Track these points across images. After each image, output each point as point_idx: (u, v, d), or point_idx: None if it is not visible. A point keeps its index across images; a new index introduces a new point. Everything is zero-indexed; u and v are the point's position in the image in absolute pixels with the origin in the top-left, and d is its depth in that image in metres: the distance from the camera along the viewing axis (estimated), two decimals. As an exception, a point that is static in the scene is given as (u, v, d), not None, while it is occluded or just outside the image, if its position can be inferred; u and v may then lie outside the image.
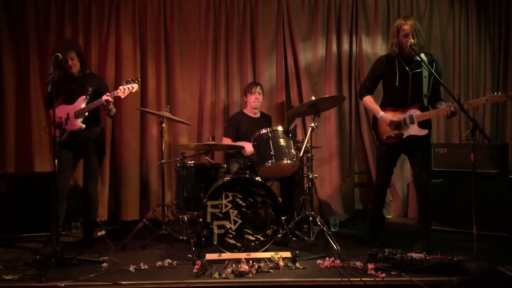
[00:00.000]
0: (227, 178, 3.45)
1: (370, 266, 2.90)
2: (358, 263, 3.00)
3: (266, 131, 3.56)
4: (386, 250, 2.98)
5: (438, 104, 3.42)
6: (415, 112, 3.38)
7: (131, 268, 2.99)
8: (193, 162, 3.90)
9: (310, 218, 3.65)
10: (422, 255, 2.89)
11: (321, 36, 4.72)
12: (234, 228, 3.34)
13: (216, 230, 3.32)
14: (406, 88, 3.41)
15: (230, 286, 2.76)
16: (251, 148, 3.89)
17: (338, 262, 3.05)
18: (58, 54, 3.27)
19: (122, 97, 3.61)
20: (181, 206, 3.77)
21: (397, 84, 3.43)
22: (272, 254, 3.13)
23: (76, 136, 3.63)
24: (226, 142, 4.29)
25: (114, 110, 3.69)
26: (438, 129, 4.76)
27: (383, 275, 2.78)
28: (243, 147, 4.04)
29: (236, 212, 3.36)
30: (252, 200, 3.38)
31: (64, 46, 3.63)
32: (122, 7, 4.61)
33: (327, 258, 3.10)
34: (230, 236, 3.33)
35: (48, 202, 3.71)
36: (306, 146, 3.57)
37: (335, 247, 3.34)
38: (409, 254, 2.92)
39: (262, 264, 2.99)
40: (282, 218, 3.40)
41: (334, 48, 4.73)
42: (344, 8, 4.72)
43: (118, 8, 4.60)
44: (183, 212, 3.71)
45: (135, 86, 3.64)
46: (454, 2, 4.84)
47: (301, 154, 3.60)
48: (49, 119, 3.80)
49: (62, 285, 2.69)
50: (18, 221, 3.98)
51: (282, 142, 3.53)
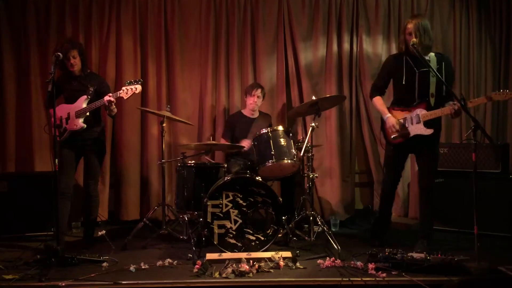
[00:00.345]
0: (228, 178, 3.45)
1: (370, 266, 2.90)
2: (359, 263, 3.00)
3: (266, 131, 3.57)
4: (386, 250, 2.97)
5: (447, 104, 3.39)
6: (421, 111, 3.36)
7: (132, 267, 2.99)
8: (193, 161, 3.90)
9: (311, 218, 3.66)
10: (422, 255, 2.89)
11: (321, 35, 4.71)
12: (234, 227, 3.34)
13: (216, 230, 3.32)
14: (413, 86, 3.40)
15: (230, 286, 2.76)
16: (248, 143, 3.97)
17: (338, 262, 3.04)
18: (59, 53, 3.28)
19: (125, 98, 3.59)
20: (181, 206, 3.77)
21: (403, 82, 3.42)
22: (272, 253, 3.13)
23: (77, 135, 3.62)
24: (223, 142, 4.30)
25: (115, 110, 3.67)
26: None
27: (384, 275, 2.78)
28: (243, 147, 4.04)
29: (236, 211, 3.35)
30: (252, 199, 3.37)
31: (66, 45, 3.61)
32: (123, 7, 4.60)
33: (328, 258, 3.11)
34: (231, 235, 3.33)
35: (49, 201, 3.70)
36: (306, 146, 3.57)
37: (336, 247, 3.34)
38: (409, 254, 2.91)
39: (262, 263, 2.98)
40: (283, 217, 3.39)
41: (335, 47, 4.72)
42: (344, 7, 4.71)
43: (118, 7, 4.60)
44: (184, 211, 3.71)
45: (138, 87, 3.60)
46: (454, 2, 4.82)
47: (301, 154, 3.60)
48: (49, 119, 3.79)
49: (63, 284, 2.69)
50: (19, 220, 3.96)
51: (282, 141, 3.53)
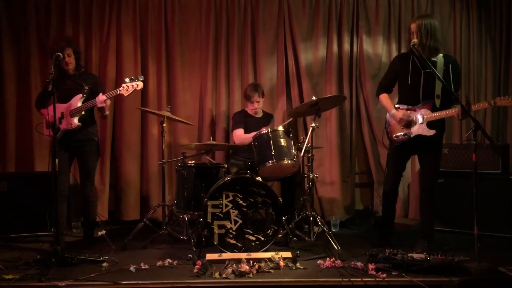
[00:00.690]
0: (228, 178, 3.45)
1: (370, 266, 2.90)
2: (359, 264, 3.00)
3: (266, 131, 3.56)
4: (386, 250, 2.97)
5: (453, 106, 3.38)
6: (425, 111, 3.37)
7: (132, 267, 2.99)
8: (193, 162, 3.90)
9: (311, 218, 3.66)
10: (423, 256, 2.89)
11: (322, 36, 4.71)
12: (234, 228, 3.34)
13: (216, 230, 3.32)
14: (418, 87, 3.39)
15: (230, 286, 2.76)
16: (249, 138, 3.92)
17: (338, 262, 3.04)
18: (59, 54, 3.27)
19: (125, 95, 3.54)
20: (181, 206, 3.77)
21: (409, 82, 3.41)
22: (272, 254, 3.12)
23: (71, 135, 3.57)
24: (239, 133, 4.20)
25: (108, 112, 3.62)
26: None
27: (384, 276, 2.78)
28: (243, 147, 4.03)
29: (236, 212, 3.35)
30: (252, 200, 3.37)
31: (60, 43, 3.56)
32: (123, 7, 4.61)
33: (328, 258, 3.10)
34: (231, 236, 3.33)
35: (49, 202, 3.69)
36: (306, 146, 3.57)
37: (336, 247, 3.34)
38: (410, 255, 2.91)
39: (262, 264, 2.98)
40: (283, 218, 3.39)
41: (335, 48, 4.72)
42: (345, 8, 4.71)
43: (119, 8, 4.61)
44: (184, 212, 3.71)
45: (140, 84, 3.55)
46: (455, 3, 4.82)
47: (301, 154, 3.59)
48: (41, 118, 3.77)
49: (63, 284, 2.69)
50: (18, 220, 3.96)
51: (282, 142, 3.52)
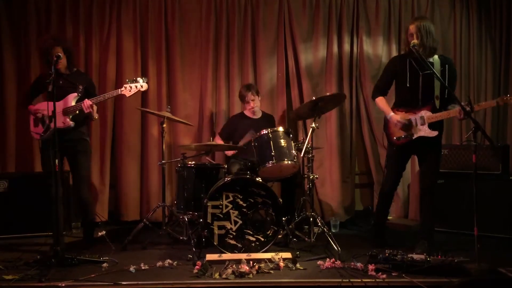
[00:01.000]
0: (228, 179, 3.45)
1: (370, 267, 2.90)
2: (359, 264, 3.00)
3: (266, 132, 3.57)
4: (386, 251, 2.97)
5: (450, 106, 3.39)
6: (426, 113, 3.36)
7: (132, 268, 2.99)
8: (193, 162, 3.89)
9: (311, 219, 3.66)
10: (422, 256, 2.89)
11: (322, 37, 4.71)
12: (234, 228, 3.34)
13: (216, 231, 3.32)
14: (417, 89, 3.39)
15: (230, 287, 2.76)
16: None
17: (338, 263, 3.05)
18: (59, 54, 3.26)
19: (128, 95, 3.52)
20: (181, 207, 3.77)
21: (408, 84, 3.40)
22: (272, 254, 3.12)
23: (63, 135, 3.44)
24: (217, 140, 4.32)
25: (96, 116, 3.57)
26: (439, 130, 4.76)
27: (384, 276, 2.78)
28: (243, 147, 4.02)
29: (236, 212, 3.35)
30: (252, 200, 3.37)
31: (49, 41, 3.48)
32: (123, 7, 4.61)
33: (328, 259, 3.10)
34: (231, 236, 3.33)
35: (49, 202, 3.66)
36: (306, 147, 3.57)
37: (336, 248, 3.34)
38: (409, 255, 2.91)
39: (262, 264, 2.98)
40: (283, 218, 3.39)
41: (335, 49, 4.72)
42: (345, 9, 4.71)
43: (119, 8, 4.61)
44: (184, 212, 3.71)
45: (144, 85, 3.52)
46: (455, 3, 4.83)
47: (301, 155, 3.59)
48: (28, 119, 3.71)
49: (63, 285, 2.69)
50: (19, 220, 3.97)
51: (282, 142, 3.53)
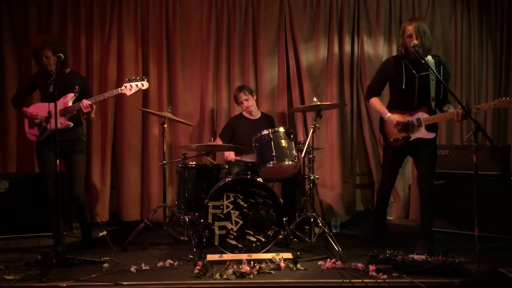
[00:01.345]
0: (229, 179, 3.46)
1: (371, 267, 2.90)
2: (360, 265, 3.00)
3: (267, 132, 3.57)
4: (387, 251, 2.97)
5: (445, 107, 3.39)
6: (423, 115, 3.35)
7: (132, 268, 2.99)
8: (194, 162, 3.90)
9: (311, 219, 3.65)
10: (423, 257, 2.89)
11: (322, 37, 4.72)
12: (235, 229, 3.34)
13: (217, 231, 3.32)
14: (413, 91, 3.38)
15: (231, 287, 2.76)
16: (231, 157, 4.08)
17: (339, 263, 3.05)
18: (60, 54, 3.25)
19: (128, 94, 3.52)
20: (182, 207, 3.77)
21: (403, 87, 3.39)
22: (273, 255, 3.12)
23: (60, 135, 3.30)
24: (217, 142, 4.29)
25: (93, 115, 3.55)
26: (440, 130, 4.73)
27: (385, 277, 2.78)
28: (243, 148, 4.01)
29: (237, 213, 3.35)
30: (253, 201, 3.37)
31: (36, 44, 3.44)
32: (124, 8, 4.62)
33: (328, 259, 3.11)
34: (231, 237, 3.33)
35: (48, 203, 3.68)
36: (307, 147, 3.57)
37: (336, 248, 3.33)
38: (410, 256, 2.91)
39: (263, 265, 2.98)
40: (284, 219, 3.39)
41: (336, 49, 4.72)
42: (345, 9, 4.71)
43: (120, 8, 4.62)
44: (185, 212, 3.71)
45: (145, 84, 3.52)
46: (456, 4, 4.83)
47: (302, 155, 3.59)
48: (23, 120, 3.68)
49: (64, 285, 2.69)
50: (19, 221, 3.97)
51: (283, 143, 3.53)
